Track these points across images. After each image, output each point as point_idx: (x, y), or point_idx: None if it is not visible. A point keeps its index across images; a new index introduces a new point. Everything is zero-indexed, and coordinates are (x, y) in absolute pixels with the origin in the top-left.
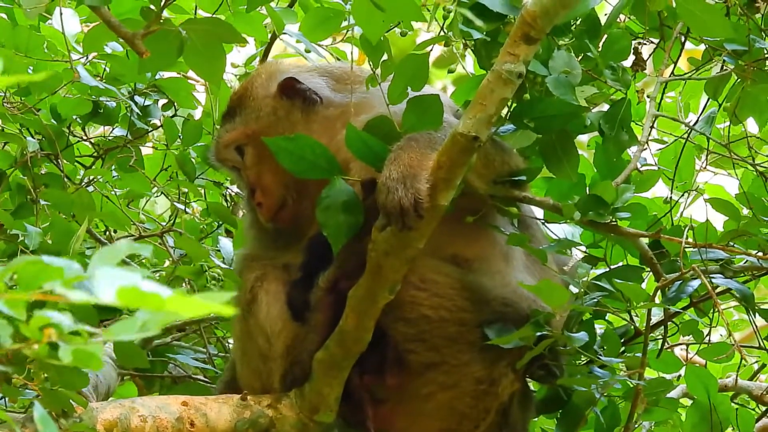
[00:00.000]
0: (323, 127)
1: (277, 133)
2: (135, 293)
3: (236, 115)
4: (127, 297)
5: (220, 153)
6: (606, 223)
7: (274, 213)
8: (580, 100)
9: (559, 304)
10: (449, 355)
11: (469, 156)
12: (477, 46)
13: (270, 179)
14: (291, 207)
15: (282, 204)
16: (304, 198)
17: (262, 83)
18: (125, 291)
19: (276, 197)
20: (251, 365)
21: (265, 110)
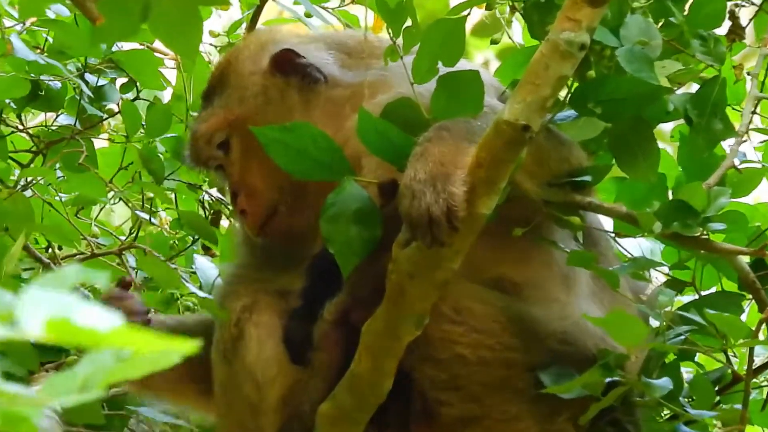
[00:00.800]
0: (327, 112)
1: (266, 120)
2: (67, 327)
3: (215, 97)
4: (57, 331)
5: (197, 149)
6: (695, 236)
7: (262, 223)
8: (660, 79)
9: (635, 341)
10: (492, 407)
11: (518, 151)
12: (527, 9)
13: (257, 180)
14: (284, 216)
15: (272, 212)
16: (301, 205)
17: (250, 56)
18: (56, 323)
19: (264, 203)
20: (236, 420)
21: (252, 90)
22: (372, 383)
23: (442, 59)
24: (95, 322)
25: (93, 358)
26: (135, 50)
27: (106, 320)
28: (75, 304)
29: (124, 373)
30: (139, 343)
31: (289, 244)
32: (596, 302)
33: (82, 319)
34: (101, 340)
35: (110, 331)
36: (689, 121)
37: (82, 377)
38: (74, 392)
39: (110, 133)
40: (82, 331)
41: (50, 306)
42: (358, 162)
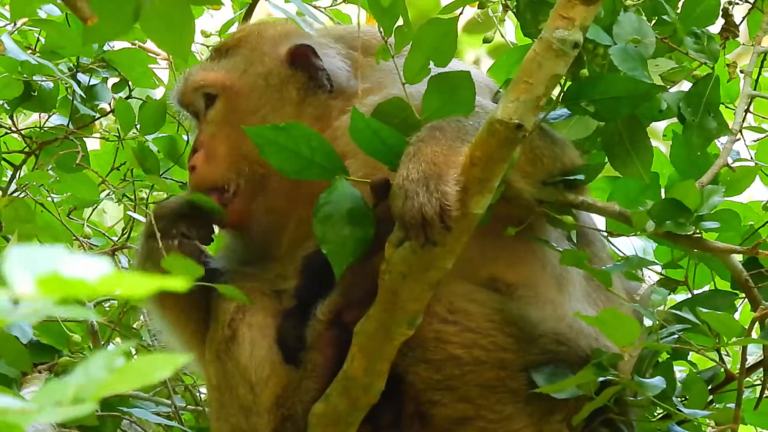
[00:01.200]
0: (317, 114)
1: (257, 101)
2: (57, 280)
3: (224, 57)
4: (49, 286)
5: (184, 90)
6: (688, 235)
7: (205, 190)
8: (653, 77)
9: (628, 340)
10: (486, 407)
11: (511, 150)
12: (520, 7)
13: (222, 150)
14: (234, 197)
15: (220, 186)
16: (255, 195)
17: (272, 37)
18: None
19: (216, 174)
20: (230, 421)
21: (258, 68)
22: (365, 384)
23: (434, 59)
24: (84, 273)
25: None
26: (127, 49)
27: (95, 269)
28: (62, 257)
29: (116, 384)
30: (130, 287)
31: (245, 232)
32: (590, 303)
33: (71, 270)
34: (92, 289)
35: (100, 280)
36: (682, 119)
37: (74, 389)
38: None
39: (103, 132)
40: (73, 282)
41: (38, 262)
42: (343, 160)
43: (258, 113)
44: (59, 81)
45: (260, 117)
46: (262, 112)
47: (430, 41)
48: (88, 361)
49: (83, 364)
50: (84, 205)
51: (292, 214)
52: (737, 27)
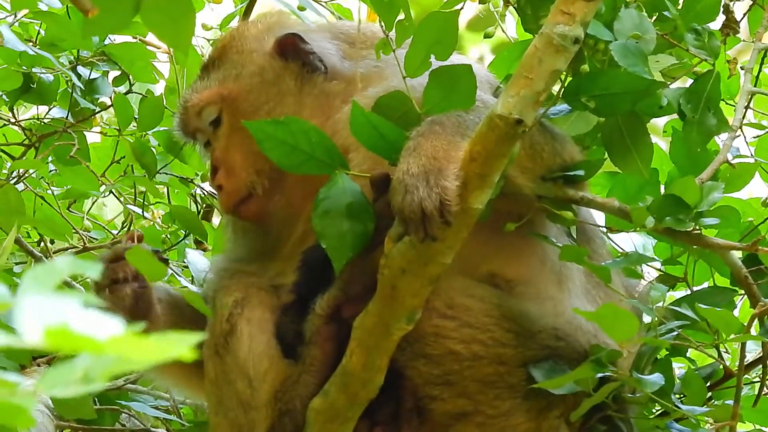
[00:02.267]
0: (319, 103)
1: (258, 100)
2: (66, 334)
3: (213, 71)
4: (56, 339)
5: (186, 119)
6: (687, 231)
7: (237, 202)
8: (653, 73)
9: (627, 336)
10: (484, 402)
11: (511, 145)
12: (521, 2)
13: (239, 158)
14: (259, 199)
15: (248, 193)
16: (277, 190)
17: (255, 35)
18: (55, 332)
19: (242, 183)
20: (229, 416)
21: (249, 68)
22: (363, 379)
23: (435, 53)
24: (94, 329)
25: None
26: (127, 43)
27: (105, 327)
28: (73, 309)
29: (123, 365)
30: (138, 350)
31: (259, 226)
32: (589, 300)
33: (81, 326)
34: (100, 347)
35: (109, 339)
36: (683, 115)
37: (83, 369)
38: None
39: (103, 126)
40: (81, 338)
41: (48, 312)
42: (345, 154)
43: (260, 111)
44: (59, 74)
45: (264, 114)
46: (265, 109)
47: (431, 34)
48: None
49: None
50: (83, 198)
51: (306, 208)
52: (738, 23)
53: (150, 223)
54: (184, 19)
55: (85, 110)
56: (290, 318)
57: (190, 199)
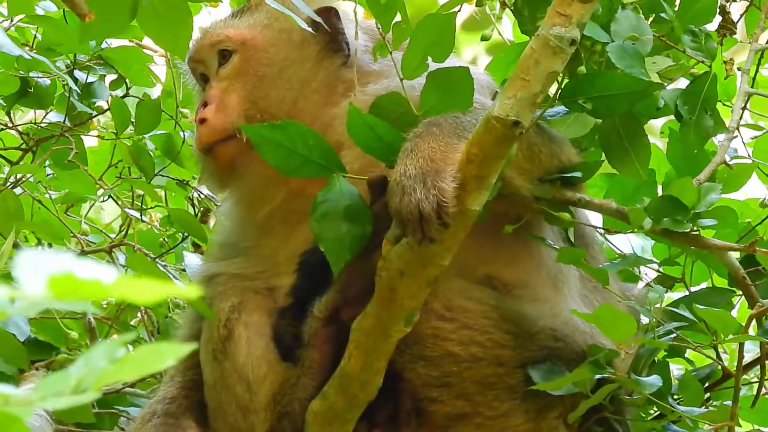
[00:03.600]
0: (327, 82)
1: (277, 56)
2: (70, 282)
3: (246, 14)
4: (60, 287)
5: (200, 50)
6: (685, 232)
7: (217, 140)
8: (650, 75)
9: (624, 337)
10: (483, 404)
11: (508, 146)
12: (517, 4)
13: (234, 100)
14: (240, 145)
15: (231, 135)
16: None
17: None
18: (59, 280)
19: (229, 122)
20: (228, 420)
21: (282, 23)
22: (362, 381)
23: (432, 55)
24: (97, 276)
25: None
26: (124, 47)
27: (105, 274)
28: (72, 261)
29: (117, 375)
30: (143, 292)
31: (224, 177)
32: (586, 304)
33: (84, 273)
34: (106, 291)
35: (114, 283)
36: (680, 116)
37: (76, 379)
38: (67, 394)
39: (100, 130)
40: (86, 284)
41: (49, 265)
42: (338, 151)
43: (275, 66)
44: (56, 78)
45: (277, 70)
46: (280, 66)
47: (427, 36)
48: (89, 352)
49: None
50: (81, 202)
51: (286, 182)
52: (734, 24)
53: (148, 226)
54: (181, 23)
55: (82, 114)
56: (288, 321)
57: (187, 202)
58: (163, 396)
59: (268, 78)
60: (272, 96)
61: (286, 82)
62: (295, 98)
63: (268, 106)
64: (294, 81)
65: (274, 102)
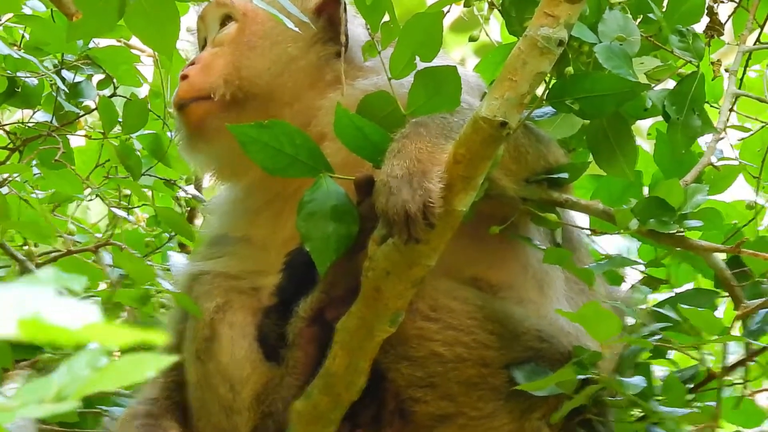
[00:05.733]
0: (313, 68)
1: (272, 31)
2: (39, 325)
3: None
4: (30, 330)
5: (208, 10)
6: (671, 234)
7: (192, 97)
8: (638, 75)
9: (609, 336)
10: (467, 404)
11: (495, 147)
12: (505, 5)
13: (220, 64)
14: (212, 105)
15: (207, 95)
16: (233, 110)
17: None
18: (29, 322)
19: (208, 82)
20: (211, 420)
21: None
22: (346, 381)
23: (419, 54)
24: (68, 320)
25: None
26: (112, 47)
27: (78, 317)
28: (47, 299)
29: (99, 384)
30: (112, 338)
31: (194, 138)
32: (571, 306)
33: (55, 316)
34: (74, 337)
35: (83, 328)
36: (667, 117)
37: (58, 387)
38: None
39: (87, 129)
40: (55, 328)
41: (23, 304)
42: (321, 141)
43: (268, 39)
44: (44, 78)
45: (269, 43)
46: (272, 40)
47: (415, 36)
48: (72, 360)
49: (67, 361)
50: (67, 201)
51: None
52: (722, 25)
53: (134, 226)
54: (168, 23)
55: (70, 114)
56: (273, 320)
57: (174, 202)
58: (144, 397)
59: (258, 49)
60: (257, 66)
61: (274, 56)
62: (278, 72)
63: (250, 75)
64: (282, 56)
65: (257, 72)
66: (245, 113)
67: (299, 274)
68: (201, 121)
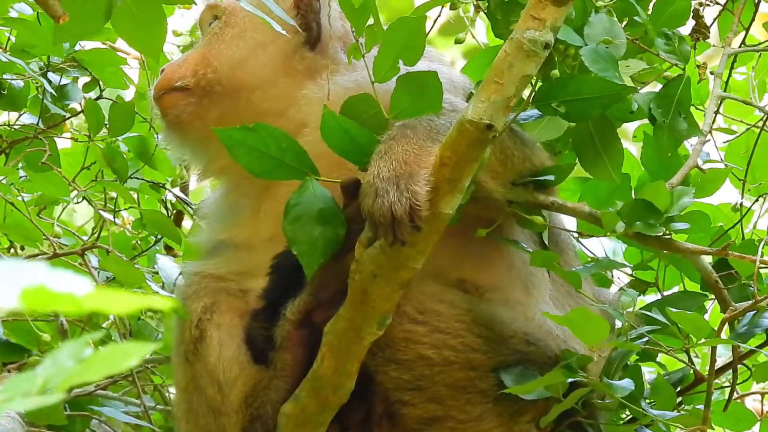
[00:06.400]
0: (283, 54)
1: (252, 22)
2: (43, 294)
3: None
4: (33, 299)
5: (203, 11)
6: (658, 236)
7: (168, 88)
8: (624, 78)
9: (597, 339)
10: (455, 407)
11: (481, 150)
12: (491, 8)
13: (197, 56)
14: (186, 94)
15: (182, 87)
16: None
17: None
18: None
19: (181, 73)
20: (199, 422)
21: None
22: (334, 384)
23: (403, 58)
24: (70, 288)
25: (53, 360)
26: (98, 49)
27: (78, 286)
28: (46, 272)
29: (83, 375)
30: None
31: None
32: (558, 307)
33: (57, 285)
34: (79, 304)
35: (87, 295)
36: (653, 120)
37: (42, 380)
38: (34, 394)
39: (73, 132)
40: (59, 296)
41: (23, 276)
42: (301, 129)
43: (238, 28)
44: (30, 80)
45: (238, 31)
46: (242, 28)
47: (398, 40)
48: (56, 352)
49: (51, 354)
50: (54, 204)
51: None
52: (708, 28)
53: (121, 229)
54: (155, 25)
55: (56, 116)
56: (261, 323)
57: (160, 204)
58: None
59: (228, 37)
60: (224, 53)
61: (241, 42)
62: (245, 57)
63: (219, 63)
64: (249, 41)
65: (225, 59)
66: (216, 100)
67: (287, 276)
68: (174, 111)
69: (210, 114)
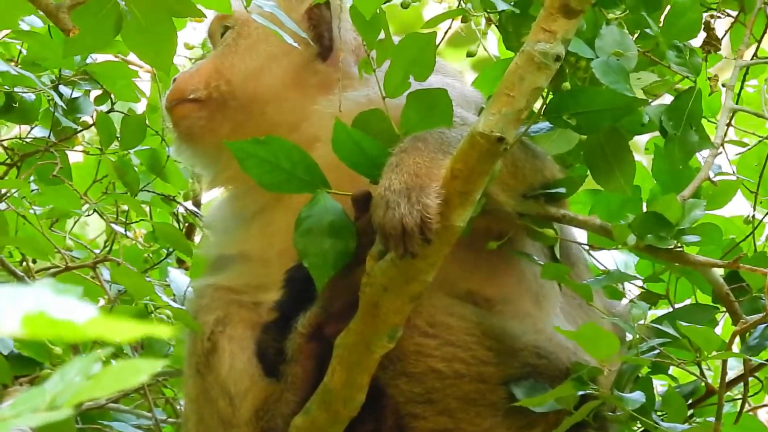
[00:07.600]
0: (295, 67)
1: (254, 32)
2: (43, 321)
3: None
4: (34, 326)
5: (213, 22)
6: (669, 249)
7: (180, 99)
8: (635, 91)
9: (607, 354)
10: (465, 420)
11: (492, 162)
12: (502, 20)
13: (210, 67)
14: (198, 106)
15: (193, 98)
16: (218, 112)
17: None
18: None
19: (193, 84)
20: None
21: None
22: (345, 397)
23: (413, 73)
24: (71, 315)
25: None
26: (109, 62)
27: (82, 312)
28: (49, 299)
29: (92, 391)
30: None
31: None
32: (569, 320)
33: (59, 312)
34: (80, 331)
35: (88, 323)
36: (664, 132)
37: (51, 396)
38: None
39: (85, 145)
40: (60, 323)
41: (25, 302)
42: (313, 144)
43: (251, 39)
44: (41, 93)
45: (251, 43)
46: (255, 40)
47: (408, 56)
48: (65, 368)
49: (60, 370)
50: (65, 217)
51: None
52: (719, 41)
53: (132, 242)
54: (165, 39)
55: (67, 129)
56: (272, 336)
57: (172, 217)
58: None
59: (241, 49)
60: (237, 65)
61: (254, 53)
62: (259, 70)
63: (231, 74)
64: (262, 53)
65: (238, 71)
66: (229, 113)
67: (299, 288)
68: (186, 122)
69: (222, 127)
